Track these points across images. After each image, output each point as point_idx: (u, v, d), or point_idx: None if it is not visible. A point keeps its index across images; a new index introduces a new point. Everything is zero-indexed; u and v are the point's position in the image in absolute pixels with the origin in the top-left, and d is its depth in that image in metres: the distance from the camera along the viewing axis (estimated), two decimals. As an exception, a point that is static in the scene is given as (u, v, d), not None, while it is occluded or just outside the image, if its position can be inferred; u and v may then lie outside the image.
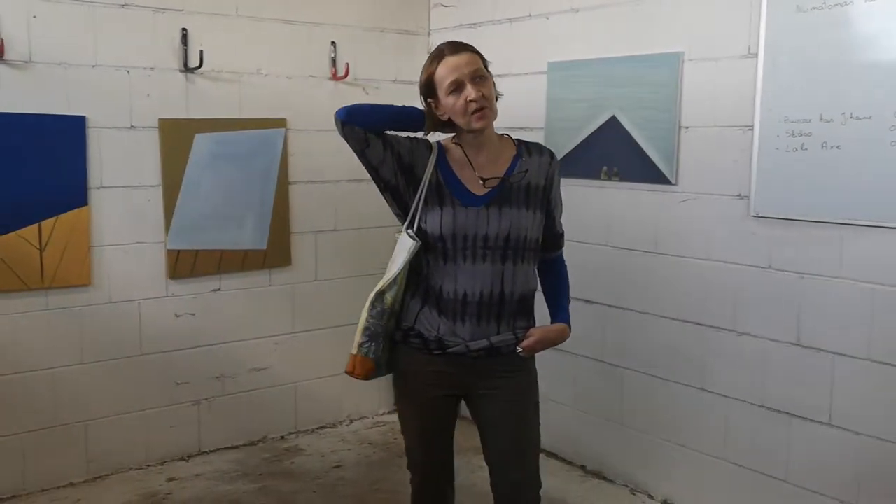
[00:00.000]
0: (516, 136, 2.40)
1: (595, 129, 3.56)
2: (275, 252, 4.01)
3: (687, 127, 3.25)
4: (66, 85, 3.40)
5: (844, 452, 2.86)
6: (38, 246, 3.39)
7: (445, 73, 2.19)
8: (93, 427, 3.61)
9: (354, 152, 2.23)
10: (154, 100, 3.61)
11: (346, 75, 4.12)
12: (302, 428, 4.21)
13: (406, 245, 2.23)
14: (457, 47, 2.23)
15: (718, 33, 3.12)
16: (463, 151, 2.28)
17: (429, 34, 4.39)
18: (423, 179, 2.24)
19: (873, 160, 2.69)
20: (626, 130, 3.43)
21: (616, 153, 3.50)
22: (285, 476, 3.72)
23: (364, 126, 2.19)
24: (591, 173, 3.59)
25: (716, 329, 3.22)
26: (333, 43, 4.10)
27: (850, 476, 2.85)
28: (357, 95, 4.15)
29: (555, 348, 2.40)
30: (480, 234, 2.21)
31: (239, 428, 4.02)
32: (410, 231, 2.24)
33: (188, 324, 3.81)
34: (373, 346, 2.27)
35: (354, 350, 2.28)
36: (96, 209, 3.52)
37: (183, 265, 3.75)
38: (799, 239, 2.94)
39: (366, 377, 2.31)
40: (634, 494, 3.54)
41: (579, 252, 3.57)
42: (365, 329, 2.27)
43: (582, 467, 3.79)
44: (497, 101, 2.25)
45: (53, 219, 3.40)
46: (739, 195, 3.10)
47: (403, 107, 2.29)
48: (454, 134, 2.30)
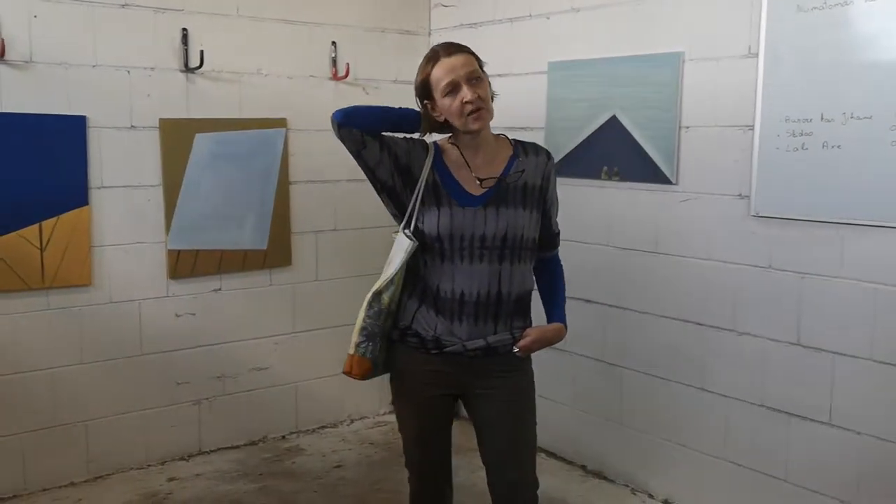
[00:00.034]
0: (517, 136, 2.40)
1: (596, 129, 3.56)
2: (275, 252, 4.01)
3: (687, 127, 3.25)
4: (67, 85, 3.40)
5: (845, 452, 2.86)
6: (39, 246, 3.39)
7: (441, 75, 2.18)
8: (93, 427, 3.61)
9: (351, 154, 2.22)
10: (154, 100, 3.61)
11: (347, 75, 4.12)
12: (303, 428, 4.21)
13: (403, 245, 2.23)
14: (452, 49, 2.22)
15: (719, 33, 3.12)
16: (459, 152, 2.28)
17: (429, 34, 4.39)
18: (420, 180, 2.24)
19: (874, 160, 2.69)
20: (627, 130, 3.43)
21: (617, 153, 3.49)
22: (286, 476, 3.72)
23: (360, 128, 2.18)
24: (592, 173, 3.59)
25: (716, 329, 3.22)
26: (334, 43, 4.10)
27: (851, 476, 2.85)
28: (357, 95, 4.15)
29: (555, 348, 2.40)
30: (478, 234, 2.21)
31: (239, 428, 4.02)
32: (407, 231, 2.24)
33: (188, 324, 3.81)
34: (370, 346, 2.27)
35: (352, 350, 2.29)
36: (97, 209, 3.52)
37: (183, 265, 3.76)
38: (799, 239, 2.93)
39: (363, 377, 2.32)
40: (635, 494, 3.54)
41: (580, 252, 3.58)
42: (362, 329, 2.27)
43: (582, 467, 3.79)
44: (493, 101, 2.25)
45: (54, 219, 3.41)
46: (740, 195, 3.09)
47: (400, 108, 2.29)
48: (450, 134, 2.31)
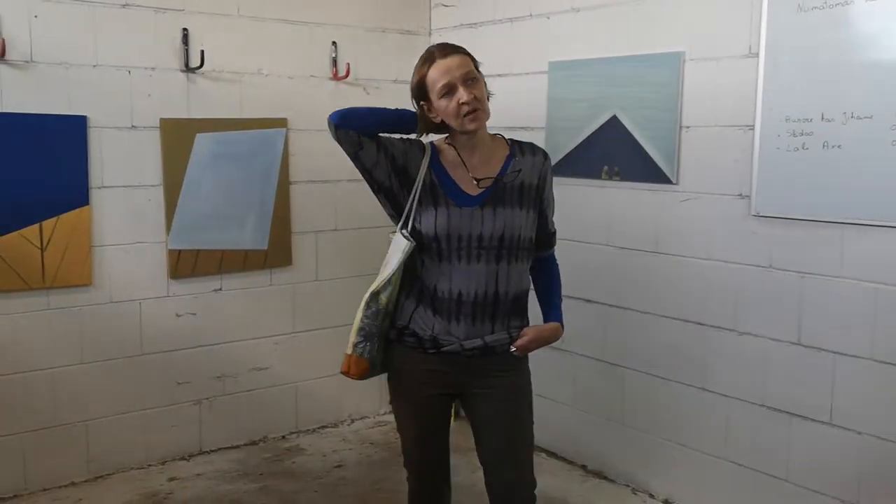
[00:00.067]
0: (517, 136, 2.41)
1: (596, 129, 3.56)
2: (275, 252, 4.01)
3: (688, 126, 3.25)
4: (68, 85, 3.41)
5: (845, 452, 2.86)
6: (40, 246, 3.40)
7: (437, 76, 2.18)
8: (93, 427, 3.61)
9: (348, 155, 2.22)
10: (155, 100, 3.61)
11: (347, 75, 4.12)
12: (303, 427, 4.22)
13: (400, 245, 2.23)
14: (447, 49, 2.22)
15: (719, 33, 3.12)
16: (456, 152, 2.28)
17: (430, 34, 4.39)
18: (417, 180, 2.24)
19: (874, 159, 2.68)
20: (627, 130, 3.43)
21: (617, 153, 3.49)
22: (286, 476, 3.72)
23: (357, 129, 2.18)
24: (592, 173, 3.59)
25: (717, 328, 3.21)
26: (334, 43, 4.10)
27: (851, 475, 2.85)
28: (358, 95, 4.15)
29: (556, 348, 2.40)
30: (475, 234, 2.22)
31: (240, 427, 4.02)
32: (405, 231, 2.24)
33: (189, 323, 3.81)
34: (367, 346, 2.28)
35: (349, 350, 2.29)
36: (97, 209, 3.52)
37: (184, 265, 3.76)
38: (800, 238, 2.93)
39: (361, 377, 2.32)
40: (635, 494, 3.54)
41: (580, 252, 3.58)
42: (360, 329, 2.27)
43: (583, 467, 3.79)
44: (489, 101, 2.24)
45: (55, 218, 3.41)
46: (740, 195, 3.09)
47: (396, 109, 2.29)
48: (447, 135, 2.31)
